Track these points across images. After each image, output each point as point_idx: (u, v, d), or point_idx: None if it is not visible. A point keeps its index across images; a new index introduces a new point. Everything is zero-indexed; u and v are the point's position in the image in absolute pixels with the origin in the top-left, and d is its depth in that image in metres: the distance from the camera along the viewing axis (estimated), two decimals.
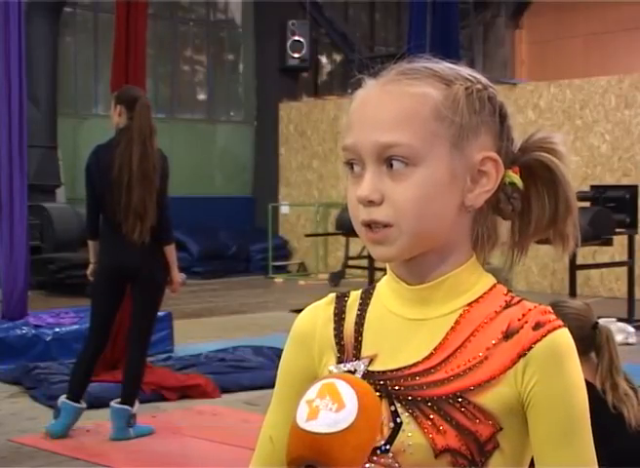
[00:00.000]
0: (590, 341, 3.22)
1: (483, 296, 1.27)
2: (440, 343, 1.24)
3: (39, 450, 5.29)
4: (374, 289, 1.34)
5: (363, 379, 1.23)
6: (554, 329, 1.22)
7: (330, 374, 1.24)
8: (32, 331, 7.39)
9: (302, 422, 1.11)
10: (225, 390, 6.60)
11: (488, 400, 1.21)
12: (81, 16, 15.01)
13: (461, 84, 1.25)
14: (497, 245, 1.32)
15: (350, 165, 1.26)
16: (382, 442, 1.22)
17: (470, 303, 1.26)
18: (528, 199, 1.30)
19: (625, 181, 11.62)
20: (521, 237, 1.32)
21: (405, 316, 1.28)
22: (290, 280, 14.51)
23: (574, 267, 9.18)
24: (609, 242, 9.45)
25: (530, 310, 1.24)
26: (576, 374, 1.22)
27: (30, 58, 10.06)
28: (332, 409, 1.11)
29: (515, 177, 1.28)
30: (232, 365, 7.18)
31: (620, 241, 10.05)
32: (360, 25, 18.17)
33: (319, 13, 17.02)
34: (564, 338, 1.22)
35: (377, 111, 1.23)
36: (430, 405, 1.21)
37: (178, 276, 5.60)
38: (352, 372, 1.26)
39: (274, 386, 1.38)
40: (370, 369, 1.26)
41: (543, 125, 12.80)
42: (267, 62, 16.26)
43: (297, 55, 16.04)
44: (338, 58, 17.79)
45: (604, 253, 11.56)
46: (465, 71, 1.28)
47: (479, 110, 1.25)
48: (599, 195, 9.72)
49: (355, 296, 1.35)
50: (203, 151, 15.93)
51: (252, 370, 6.93)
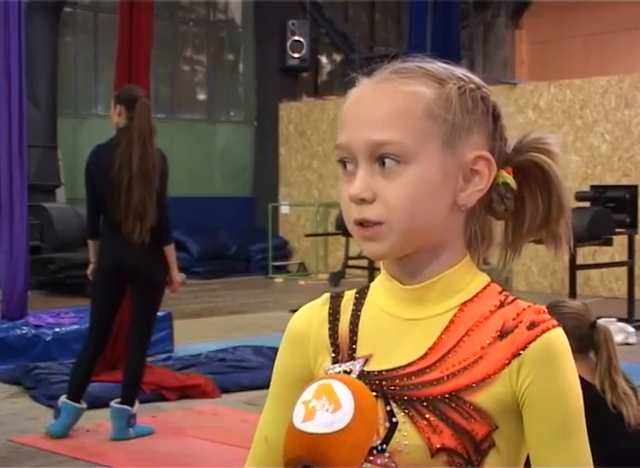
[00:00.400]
0: (589, 341, 3.23)
1: (477, 295, 1.27)
2: (435, 343, 1.24)
3: (39, 450, 5.28)
4: (368, 288, 1.35)
5: (359, 379, 1.23)
6: (548, 328, 1.22)
7: (326, 375, 1.24)
8: (32, 331, 7.39)
9: (299, 423, 1.11)
10: (225, 390, 6.60)
11: (483, 399, 1.21)
12: (81, 16, 15.01)
13: (455, 83, 1.26)
14: (491, 245, 1.32)
15: (343, 163, 1.26)
16: (379, 441, 1.22)
17: (465, 302, 1.26)
18: (522, 199, 1.30)
19: (625, 181, 11.61)
20: (514, 237, 1.32)
21: (399, 316, 1.28)
22: (290, 280, 14.51)
23: (574, 267, 9.17)
24: (609, 242, 9.45)
25: (524, 309, 1.24)
26: (570, 374, 1.22)
27: (30, 58, 10.06)
28: (328, 409, 1.11)
29: (508, 178, 1.28)
30: (232, 365, 7.18)
31: (620, 241, 10.05)
32: (360, 25, 18.17)
33: (319, 13, 17.02)
34: (558, 338, 1.22)
35: (369, 109, 1.23)
36: (426, 404, 1.21)
37: (177, 276, 5.61)
38: (348, 373, 1.26)
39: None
40: (365, 369, 1.26)
41: (543, 125, 12.80)
42: (267, 62, 16.26)
43: (297, 55, 16.04)
44: (338, 58, 17.79)
45: (604, 253, 11.56)
46: (459, 71, 1.28)
47: (472, 109, 1.25)
48: (599, 195, 9.72)
49: (350, 296, 1.35)
50: (203, 151, 15.93)
51: (252, 370, 6.93)
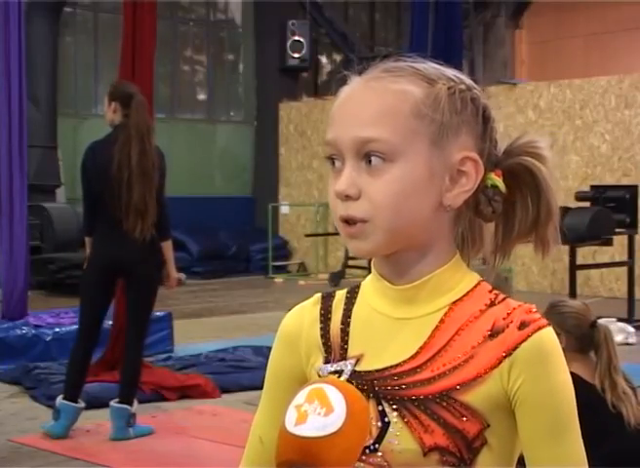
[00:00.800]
0: (589, 340, 3.23)
1: (467, 294, 1.27)
2: (425, 342, 1.25)
3: (39, 450, 5.28)
4: (359, 288, 1.34)
5: (350, 379, 1.24)
6: (539, 328, 1.22)
7: (318, 379, 1.24)
8: (32, 331, 7.39)
9: (291, 426, 1.12)
10: (225, 390, 6.60)
11: (474, 398, 1.21)
12: (81, 16, 15.01)
13: (444, 83, 1.26)
14: (481, 248, 1.32)
15: (332, 160, 1.26)
16: (371, 441, 1.22)
17: (455, 302, 1.26)
18: (512, 203, 1.30)
19: (625, 181, 11.62)
20: (504, 241, 1.31)
21: (390, 315, 1.28)
22: (290, 280, 14.51)
23: (574, 267, 9.17)
24: (609, 242, 9.45)
25: (514, 309, 1.24)
26: (562, 373, 1.22)
27: (30, 58, 10.06)
28: (320, 413, 1.11)
29: (497, 180, 1.28)
30: (232, 365, 7.18)
31: (620, 241, 10.05)
32: (360, 25, 18.17)
33: (319, 13, 17.03)
34: (549, 337, 1.22)
35: (358, 107, 1.23)
36: (417, 404, 1.22)
37: (174, 272, 5.61)
38: (339, 372, 1.26)
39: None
40: (357, 369, 1.26)
41: (543, 125, 12.80)
42: (267, 62, 16.26)
43: (297, 55, 16.04)
44: (338, 58, 17.79)
45: (604, 253, 11.56)
46: (450, 72, 1.28)
47: (460, 110, 1.25)
48: (599, 195, 9.71)
49: (341, 296, 1.35)
50: (203, 151, 15.93)
51: (252, 370, 6.92)
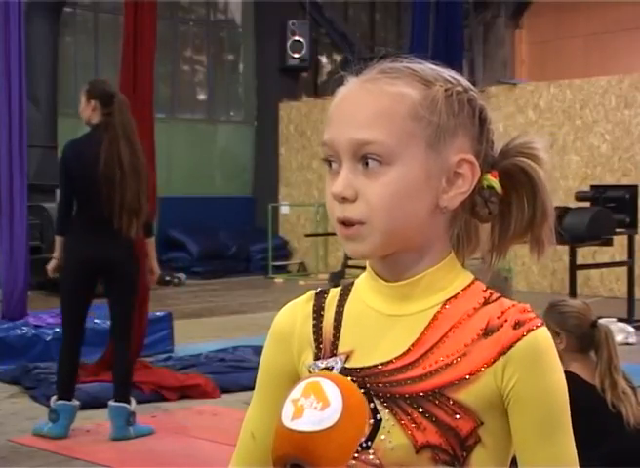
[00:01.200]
0: (589, 340, 3.24)
1: (461, 292, 1.27)
2: (417, 339, 1.25)
3: (39, 450, 5.28)
4: (352, 285, 1.35)
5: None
6: (534, 327, 1.22)
7: (315, 374, 1.24)
8: (32, 331, 7.38)
9: (288, 421, 1.12)
10: (225, 390, 6.60)
11: (467, 396, 1.21)
12: (81, 16, 15.01)
13: (441, 85, 1.25)
14: (477, 248, 1.33)
15: (328, 161, 1.25)
16: (363, 439, 1.22)
17: (448, 299, 1.26)
18: (508, 204, 1.30)
19: (625, 181, 11.62)
20: (500, 241, 1.32)
21: (383, 312, 1.28)
22: (290, 280, 14.50)
23: (574, 267, 9.17)
24: (609, 242, 9.45)
25: (509, 308, 1.24)
26: (556, 373, 1.23)
27: (30, 58, 10.06)
28: (317, 407, 1.11)
29: (493, 181, 1.28)
30: (232, 365, 7.18)
31: (620, 241, 10.05)
32: (360, 25, 18.17)
33: (319, 13, 17.02)
34: (544, 337, 1.23)
35: (354, 108, 1.23)
36: (409, 402, 1.22)
37: (157, 268, 5.64)
38: (329, 369, 1.26)
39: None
40: (347, 365, 1.26)
41: (543, 125, 12.81)
42: (267, 62, 16.26)
43: (297, 55, 16.04)
44: (338, 58, 17.79)
45: (604, 253, 11.56)
46: (447, 73, 1.28)
47: (457, 112, 1.25)
48: (599, 195, 9.71)
49: (334, 293, 1.35)
50: (203, 151, 15.93)
51: (252, 370, 6.91)
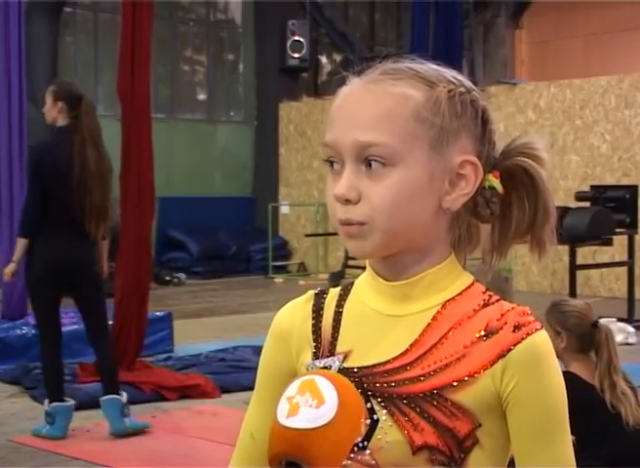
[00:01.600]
0: (590, 340, 3.24)
1: (461, 294, 1.27)
2: (416, 340, 1.24)
3: (39, 450, 5.29)
4: (352, 285, 1.34)
5: None
6: (534, 331, 1.22)
7: (310, 371, 1.24)
8: (32, 331, 7.37)
9: (283, 418, 1.11)
10: (225, 390, 6.60)
11: (465, 397, 1.21)
12: (81, 16, 15.01)
13: (444, 86, 1.25)
14: (477, 247, 1.33)
15: (330, 162, 1.25)
16: (359, 439, 1.21)
17: (448, 300, 1.26)
18: (509, 204, 1.30)
19: (625, 181, 11.62)
20: (500, 241, 1.32)
21: (383, 312, 1.27)
22: (290, 280, 14.51)
23: (574, 267, 9.17)
24: (609, 242, 9.45)
25: (508, 311, 1.24)
26: (555, 376, 1.23)
27: (30, 58, 10.06)
28: (312, 405, 1.11)
29: (495, 182, 1.28)
30: (232, 365, 7.18)
31: (620, 241, 10.05)
32: (360, 25, 18.17)
33: (319, 13, 17.02)
34: (543, 340, 1.22)
35: (357, 109, 1.23)
36: (407, 402, 1.21)
37: (107, 267, 5.71)
38: (327, 369, 1.26)
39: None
40: (345, 365, 1.26)
41: (543, 125, 12.81)
42: (267, 62, 16.25)
43: (297, 55, 16.04)
44: (338, 58, 17.79)
45: (604, 253, 11.56)
46: (449, 73, 1.28)
47: (460, 114, 1.25)
48: (599, 195, 9.72)
49: (334, 293, 1.35)
50: (203, 151, 15.92)
51: (252, 370, 6.87)
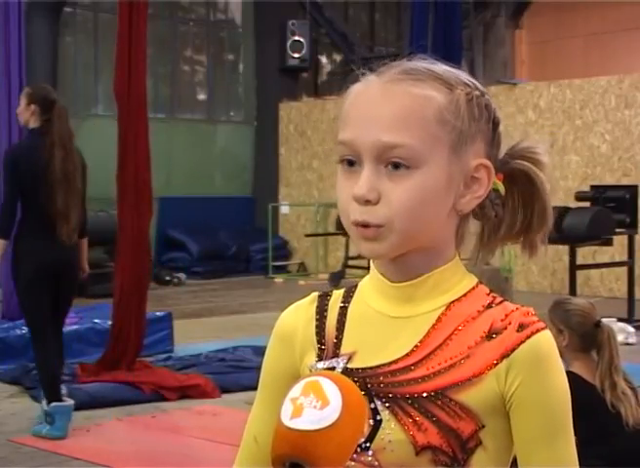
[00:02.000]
0: (592, 339, 3.24)
1: (466, 295, 1.27)
2: (421, 340, 1.25)
3: (39, 450, 5.29)
4: (356, 287, 1.35)
5: None
6: (537, 330, 1.22)
7: (314, 372, 1.24)
8: None
9: (287, 420, 1.11)
10: (225, 390, 6.61)
11: (469, 397, 1.21)
12: (81, 16, 15.01)
13: (462, 89, 1.26)
14: (462, 243, 1.32)
15: (345, 161, 1.24)
16: (362, 439, 1.22)
17: (453, 301, 1.27)
18: (503, 206, 1.31)
19: (625, 181, 11.62)
20: (489, 240, 1.32)
21: (387, 313, 1.28)
22: (290, 280, 14.50)
23: (574, 267, 9.17)
24: (609, 242, 9.45)
25: (512, 311, 1.25)
26: (558, 376, 1.23)
27: (30, 58, 10.06)
28: (316, 406, 1.10)
29: (499, 184, 1.30)
30: (232, 365, 7.19)
31: (620, 241, 10.05)
32: (360, 25, 18.17)
33: (319, 13, 17.02)
34: (547, 340, 1.23)
35: (379, 109, 1.22)
36: (411, 402, 1.22)
37: (87, 266, 5.78)
38: (331, 370, 1.26)
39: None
40: (349, 366, 1.26)
41: (543, 125, 12.81)
42: (267, 62, 16.25)
43: (297, 55, 16.04)
44: (338, 58, 17.79)
45: (604, 253, 11.56)
46: (464, 76, 1.29)
47: (478, 117, 1.26)
48: (599, 195, 9.72)
49: (338, 295, 1.35)
50: (203, 151, 15.92)
51: (252, 371, 6.92)
